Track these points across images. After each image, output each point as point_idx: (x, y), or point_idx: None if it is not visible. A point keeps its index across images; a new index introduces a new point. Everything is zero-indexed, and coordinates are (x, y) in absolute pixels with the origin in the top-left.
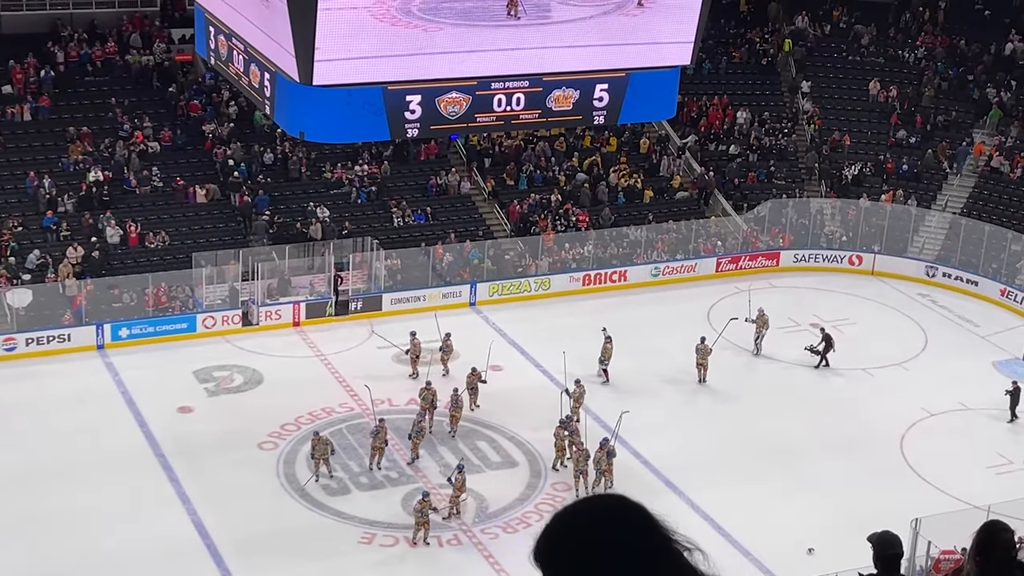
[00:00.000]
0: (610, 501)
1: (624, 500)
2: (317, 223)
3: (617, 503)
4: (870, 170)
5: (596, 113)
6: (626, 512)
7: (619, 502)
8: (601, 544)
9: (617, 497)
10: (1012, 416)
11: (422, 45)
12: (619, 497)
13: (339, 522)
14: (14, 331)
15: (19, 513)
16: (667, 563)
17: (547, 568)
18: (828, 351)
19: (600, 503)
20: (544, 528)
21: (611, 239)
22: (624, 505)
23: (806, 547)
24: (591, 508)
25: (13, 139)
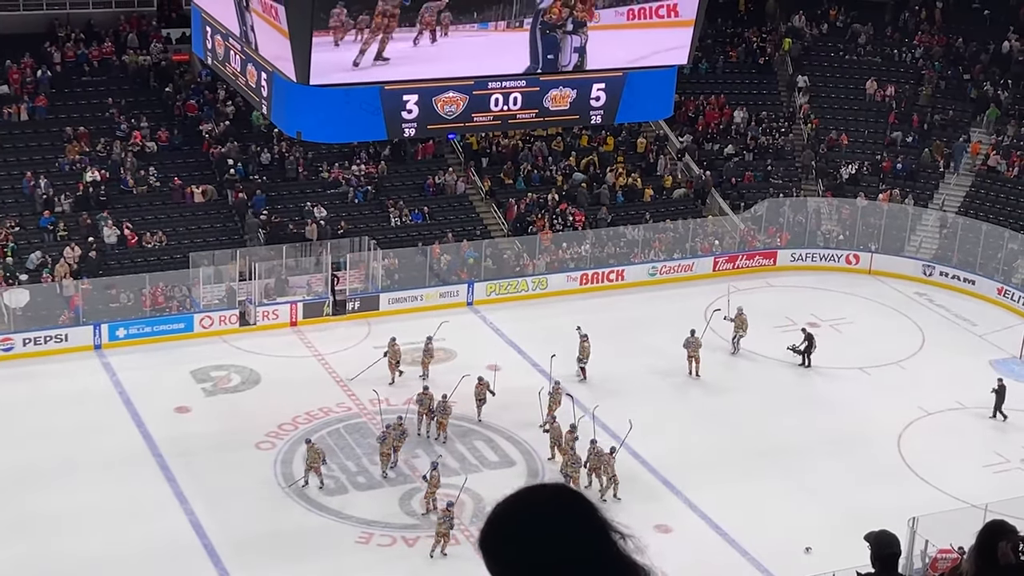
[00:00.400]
0: (551, 490)
1: (565, 489)
2: (312, 224)
3: (558, 492)
4: (867, 169)
5: (593, 113)
6: (566, 501)
7: (560, 491)
8: (542, 532)
9: (558, 486)
10: (998, 415)
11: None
12: (560, 486)
13: (336, 522)
14: (11, 331)
15: (16, 513)
16: (606, 551)
17: (491, 557)
18: (810, 351)
19: (541, 492)
20: (488, 517)
21: (608, 238)
22: (565, 494)
23: (803, 546)
24: (533, 497)
25: (10, 139)
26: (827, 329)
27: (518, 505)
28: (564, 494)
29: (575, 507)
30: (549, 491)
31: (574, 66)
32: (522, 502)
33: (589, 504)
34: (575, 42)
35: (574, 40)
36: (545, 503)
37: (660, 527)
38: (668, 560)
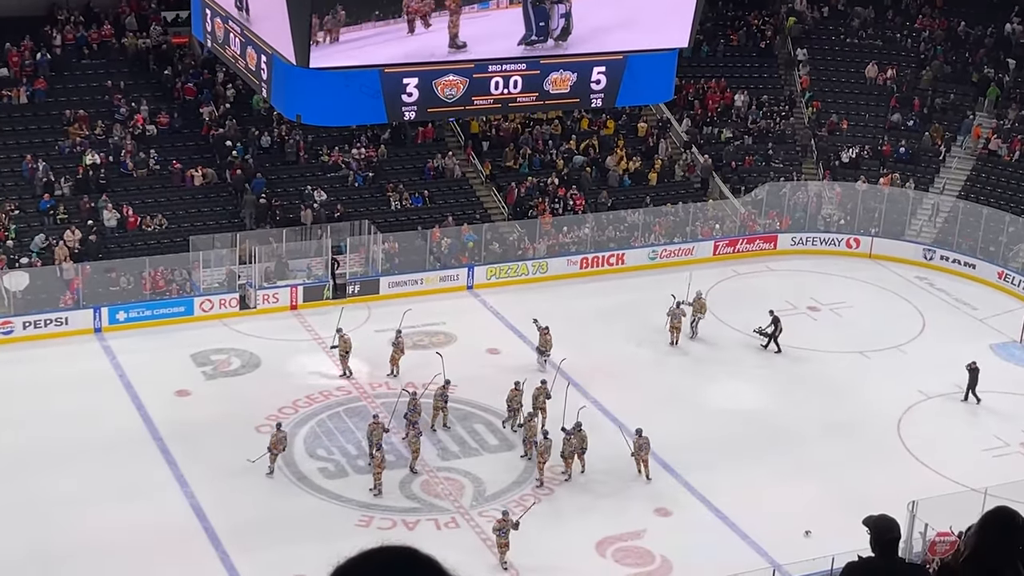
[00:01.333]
0: (397, 554)
1: (413, 553)
2: (307, 209)
3: (405, 556)
4: (868, 153)
5: (594, 96)
6: (415, 566)
7: (407, 555)
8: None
9: (406, 550)
10: (971, 396)
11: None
12: (408, 550)
13: (336, 505)
14: (11, 314)
15: (17, 496)
16: None
17: None
18: (777, 334)
19: (388, 555)
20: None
21: (609, 222)
22: (413, 558)
23: (803, 530)
24: (377, 561)
25: (9, 122)
26: (827, 313)
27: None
28: (412, 559)
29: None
30: (395, 554)
31: (561, 30)
32: (364, 564)
33: (441, 569)
34: (561, 9)
35: (560, 8)
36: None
37: (659, 510)
38: (668, 544)
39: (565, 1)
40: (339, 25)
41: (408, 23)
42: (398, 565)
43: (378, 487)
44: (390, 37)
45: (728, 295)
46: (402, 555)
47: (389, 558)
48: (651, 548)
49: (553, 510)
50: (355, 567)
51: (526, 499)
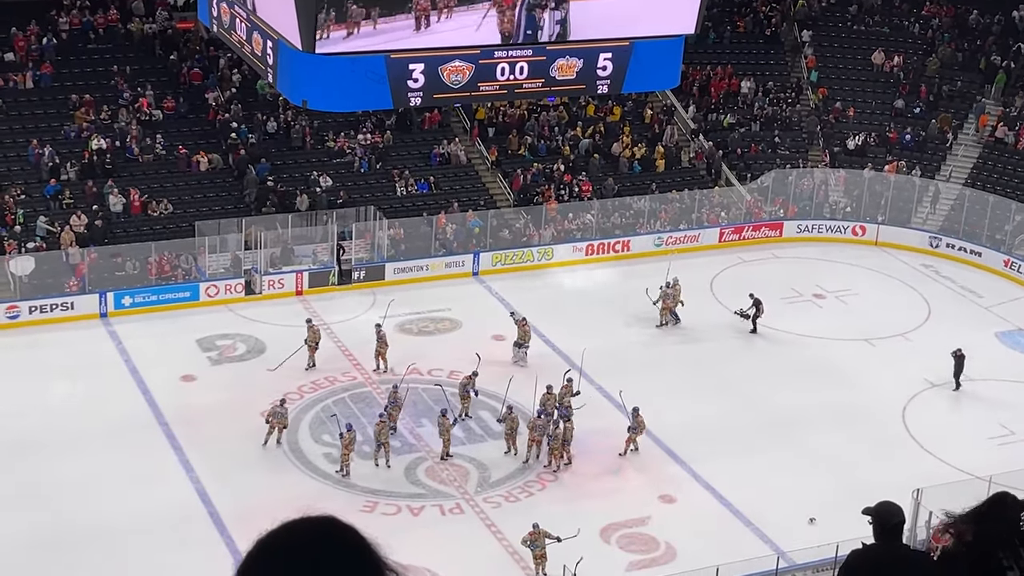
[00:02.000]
0: (319, 524)
1: (334, 522)
2: (303, 195)
3: (326, 525)
4: (874, 140)
5: (600, 82)
6: (335, 535)
7: (329, 524)
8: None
9: (327, 519)
10: (956, 384)
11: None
12: (329, 519)
13: (341, 490)
14: (17, 299)
15: (22, 481)
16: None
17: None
18: (758, 316)
19: (308, 525)
20: (247, 553)
21: (614, 209)
22: (334, 527)
23: (808, 517)
24: (297, 531)
25: (15, 107)
26: (833, 300)
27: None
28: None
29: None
30: (317, 525)
31: (557, 36)
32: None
33: (362, 539)
34: (557, 15)
35: (555, 15)
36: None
37: (664, 497)
38: (672, 530)
39: (562, 7)
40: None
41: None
42: (319, 535)
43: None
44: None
45: (734, 282)
46: (323, 524)
47: (310, 528)
48: (655, 535)
49: (558, 496)
50: (276, 539)
51: (531, 486)
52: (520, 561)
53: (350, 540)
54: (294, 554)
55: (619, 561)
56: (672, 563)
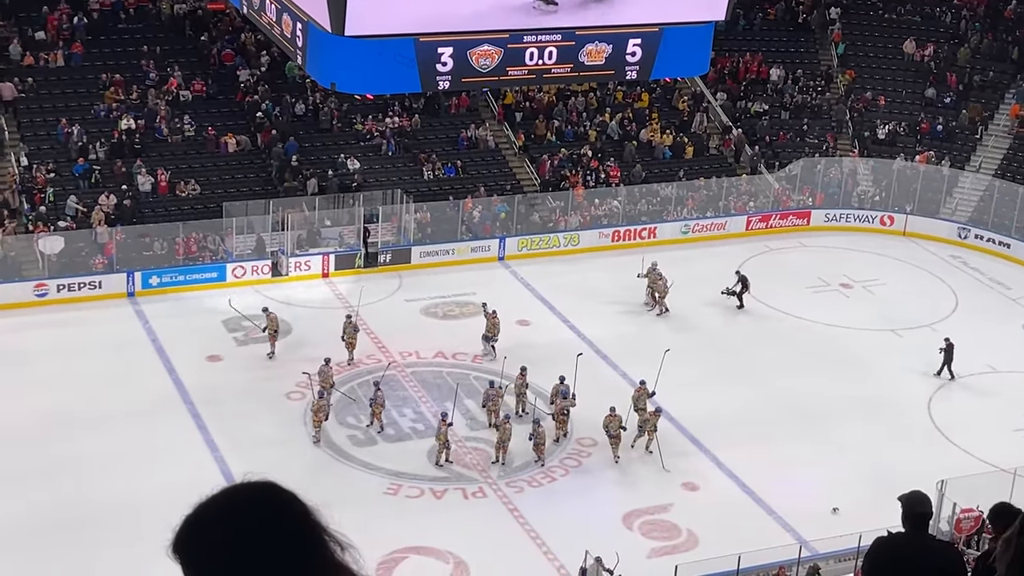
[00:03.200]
0: (258, 489)
1: (274, 487)
2: (314, 178)
3: (266, 490)
4: (904, 130)
5: (629, 68)
6: (275, 500)
7: (268, 489)
8: (245, 534)
9: (267, 484)
10: (948, 374)
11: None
12: (269, 484)
13: (365, 473)
14: (46, 277)
15: (48, 458)
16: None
17: (187, 562)
18: (744, 292)
19: (247, 491)
20: (185, 518)
21: (641, 195)
22: (273, 493)
23: (831, 507)
24: (236, 496)
25: (46, 85)
26: (860, 290)
27: (220, 506)
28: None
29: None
30: (256, 490)
31: None
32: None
33: (302, 505)
34: None
35: None
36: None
37: (687, 485)
38: (695, 518)
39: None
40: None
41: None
42: (258, 500)
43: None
44: None
45: (760, 270)
46: (262, 490)
47: (249, 494)
48: (677, 522)
49: (580, 483)
50: (214, 505)
51: (554, 471)
52: (542, 545)
53: (289, 506)
54: (232, 520)
55: (641, 547)
56: (694, 550)
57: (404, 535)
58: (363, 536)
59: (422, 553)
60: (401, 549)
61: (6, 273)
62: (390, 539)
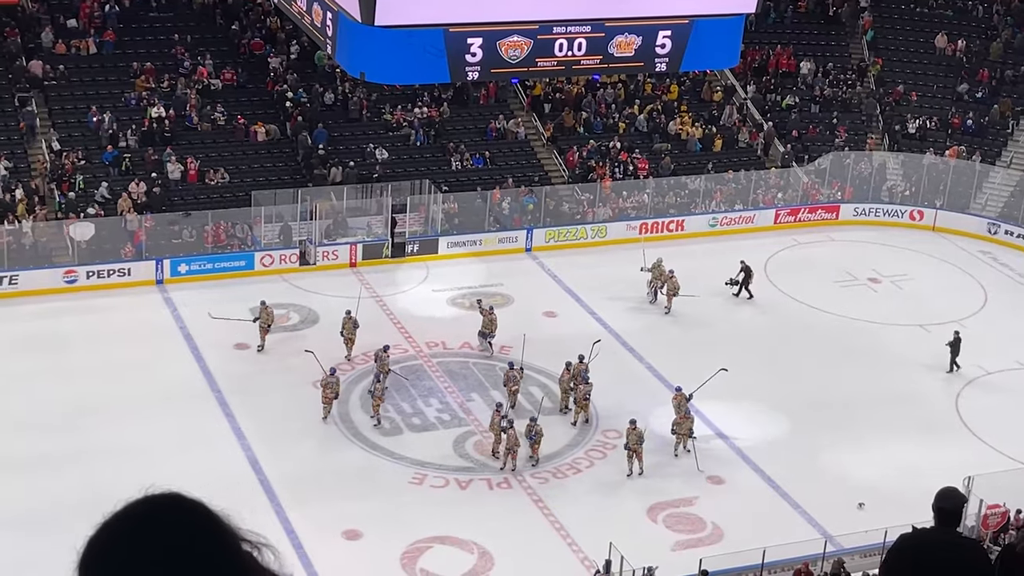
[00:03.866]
0: (163, 501)
1: (180, 498)
2: (335, 167)
3: (171, 502)
4: (935, 124)
5: (658, 60)
6: (182, 512)
7: (173, 501)
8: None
9: (171, 496)
10: (954, 367)
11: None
12: (174, 496)
13: (390, 462)
14: (75, 263)
15: (77, 444)
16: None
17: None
18: (748, 282)
19: (152, 503)
20: (88, 539)
21: (669, 188)
22: (180, 504)
23: (856, 501)
24: (141, 510)
25: (77, 73)
26: (888, 285)
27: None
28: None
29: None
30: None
31: None
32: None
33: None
34: None
35: None
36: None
37: (713, 478)
38: (720, 511)
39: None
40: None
41: None
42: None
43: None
44: None
45: (788, 264)
46: (168, 502)
47: (154, 507)
48: (702, 515)
49: (604, 475)
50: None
51: (579, 463)
52: (566, 537)
53: (199, 516)
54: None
55: (665, 540)
56: (719, 544)
57: (428, 525)
58: (388, 525)
59: (446, 543)
60: (425, 539)
61: (36, 259)
62: (414, 529)
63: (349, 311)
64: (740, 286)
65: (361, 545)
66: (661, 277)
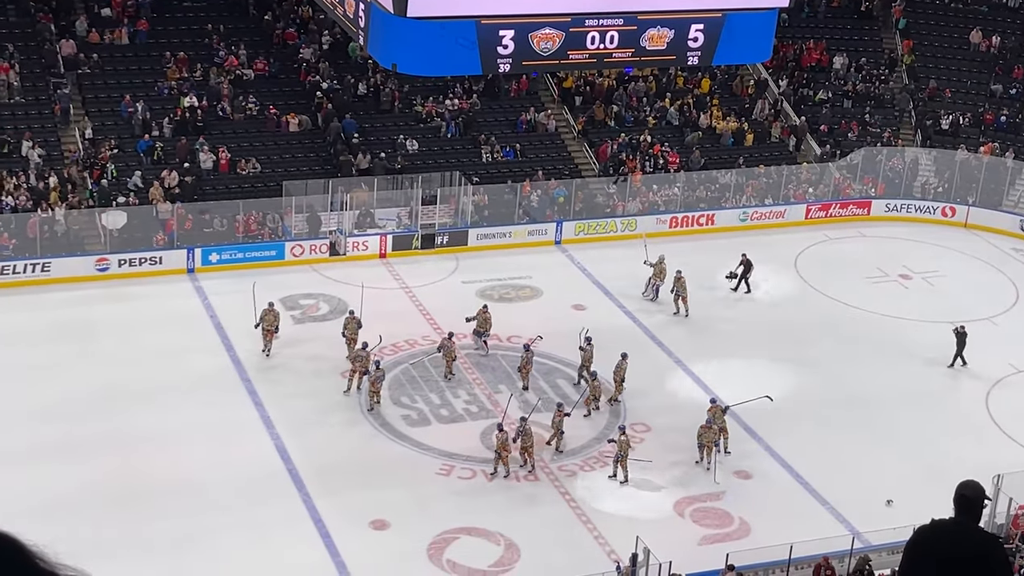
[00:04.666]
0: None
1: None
2: (362, 156)
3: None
4: (968, 121)
5: (690, 54)
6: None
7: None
8: None
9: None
10: (959, 361)
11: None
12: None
13: (418, 453)
14: (107, 251)
15: (106, 431)
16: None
17: None
18: (747, 274)
19: None
20: None
21: (700, 182)
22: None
23: (885, 498)
24: None
25: (111, 62)
26: (919, 281)
27: None
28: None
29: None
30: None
31: None
32: None
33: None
34: None
35: None
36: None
37: (740, 473)
38: (747, 506)
39: None
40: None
41: None
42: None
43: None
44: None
45: (819, 260)
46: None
47: None
48: (730, 510)
49: (633, 468)
50: None
51: (607, 456)
52: (593, 530)
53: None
54: None
55: (692, 535)
56: (746, 539)
57: (455, 516)
58: (415, 516)
59: (473, 534)
60: (452, 529)
61: (69, 247)
62: (441, 519)
63: (352, 311)
64: (739, 279)
65: (388, 535)
66: (662, 275)
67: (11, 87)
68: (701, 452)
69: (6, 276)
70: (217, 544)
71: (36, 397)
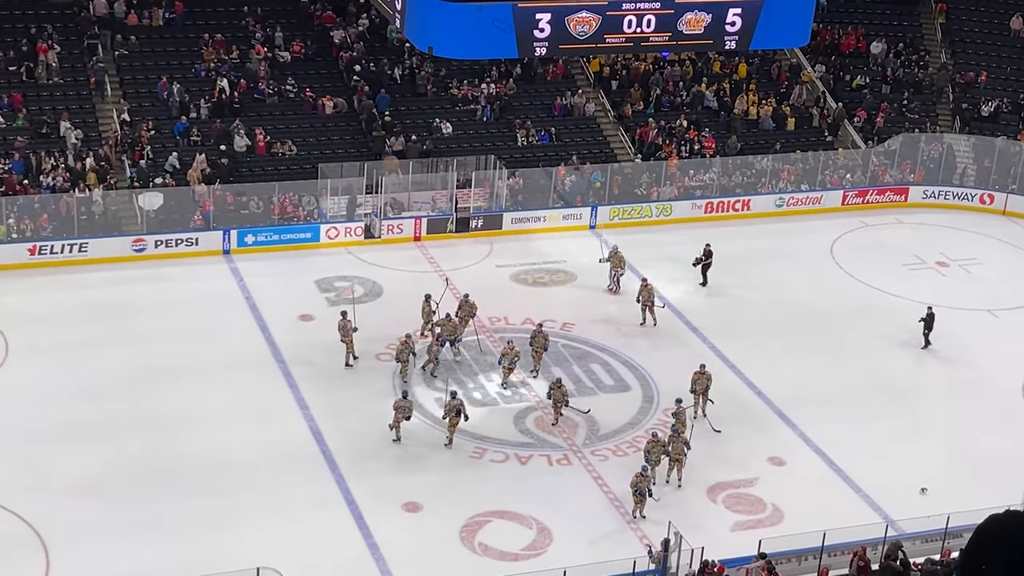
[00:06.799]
0: None
1: None
2: (395, 139)
3: None
4: (1007, 107)
5: (728, 38)
6: None
7: None
8: None
9: None
10: (926, 343)
11: None
12: None
13: None
14: (144, 232)
15: (142, 411)
16: None
17: None
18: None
19: None
20: None
21: (736, 167)
22: None
23: (919, 487)
24: None
25: (148, 44)
26: (956, 269)
27: None
28: None
29: None
30: None
31: None
32: None
33: None
34: None
35: None
36: None
37: (774, 459)
38: (781, 493)
39: None
40: None
41: None
42: None
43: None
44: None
45: (855, 246)
46: None
47: None
48: (763, 497)
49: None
50: None
51: (639, 441)
52: (625, 515)
53: None
54: None
55: (725, 521)
56: (778, 525)
57: (488, 499)
58: (448, 498)
59: (505, 517)
60: (484, 513)
61: (106, 228)
62: (474, 502)
63: (344, 311)
64: (702, 268)
65: (421, 517)
66: (621, 264)
67: (49, 68)
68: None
69: (44, 256)
70: (250, 524)
71: (72, 377)
